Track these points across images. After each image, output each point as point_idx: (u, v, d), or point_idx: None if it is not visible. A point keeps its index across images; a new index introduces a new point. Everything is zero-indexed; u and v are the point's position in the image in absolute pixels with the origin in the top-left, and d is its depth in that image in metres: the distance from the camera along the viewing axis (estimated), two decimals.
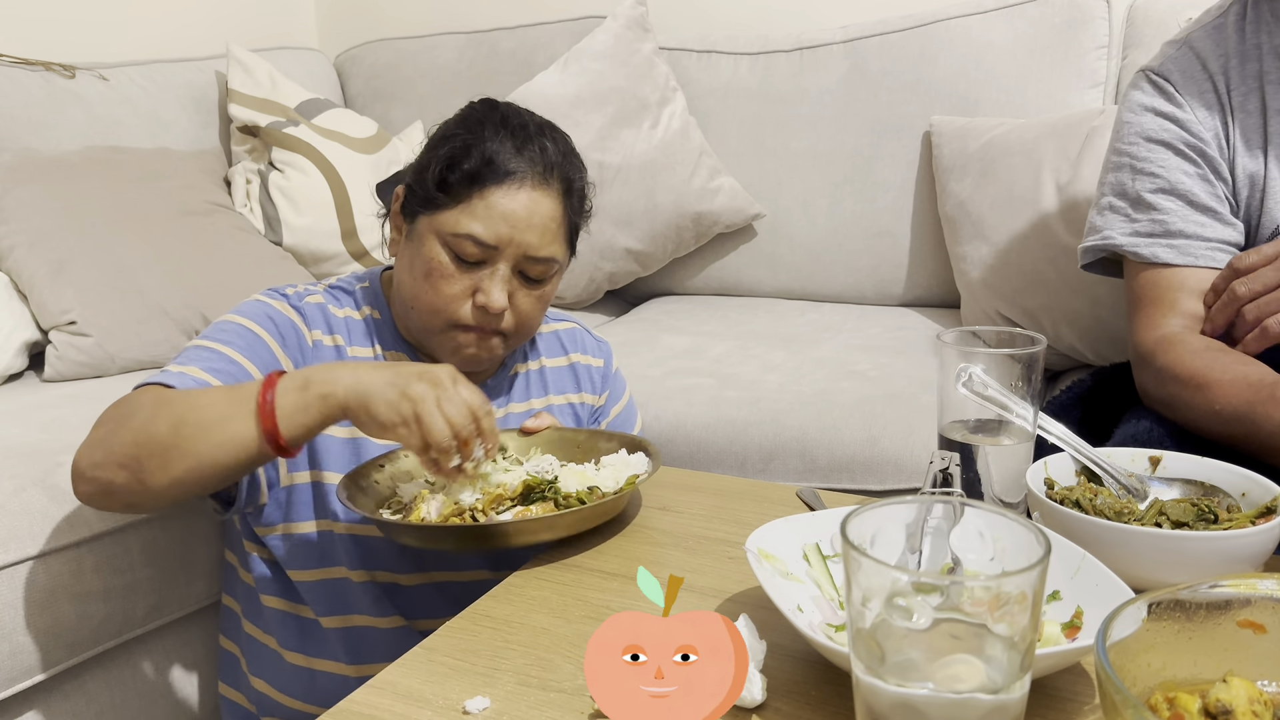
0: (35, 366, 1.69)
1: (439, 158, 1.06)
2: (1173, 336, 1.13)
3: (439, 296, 1.06)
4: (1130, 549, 0.77)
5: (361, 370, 0.91)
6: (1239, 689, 0.57)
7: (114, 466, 0.92)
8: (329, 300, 1.13)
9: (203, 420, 0.90)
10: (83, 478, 0.94)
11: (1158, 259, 1.18)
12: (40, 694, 1.22)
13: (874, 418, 1.43)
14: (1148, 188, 1.20)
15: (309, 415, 0.90)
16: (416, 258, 1.07)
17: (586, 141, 2.02)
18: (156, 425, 0.90)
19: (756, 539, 0.79)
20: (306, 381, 0.90)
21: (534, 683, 0.73)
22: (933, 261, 1.95)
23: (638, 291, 2.26)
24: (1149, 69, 1.23)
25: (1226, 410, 1.01)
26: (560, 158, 1.09)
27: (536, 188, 1.06)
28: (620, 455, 1.06)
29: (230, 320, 1.06)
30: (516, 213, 1.04)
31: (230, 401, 0.91)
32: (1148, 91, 1.22)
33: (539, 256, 1.07)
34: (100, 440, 0.94)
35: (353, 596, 1.09)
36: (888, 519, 0.59)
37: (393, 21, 2.66)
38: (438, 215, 1.05)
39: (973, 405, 0.85)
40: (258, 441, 0.90)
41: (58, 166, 1.74)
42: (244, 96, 2.09)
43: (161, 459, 0.90)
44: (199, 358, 1.00)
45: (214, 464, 0.90)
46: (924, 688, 0.53)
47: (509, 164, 1.05)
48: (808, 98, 2.05)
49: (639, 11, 2.13)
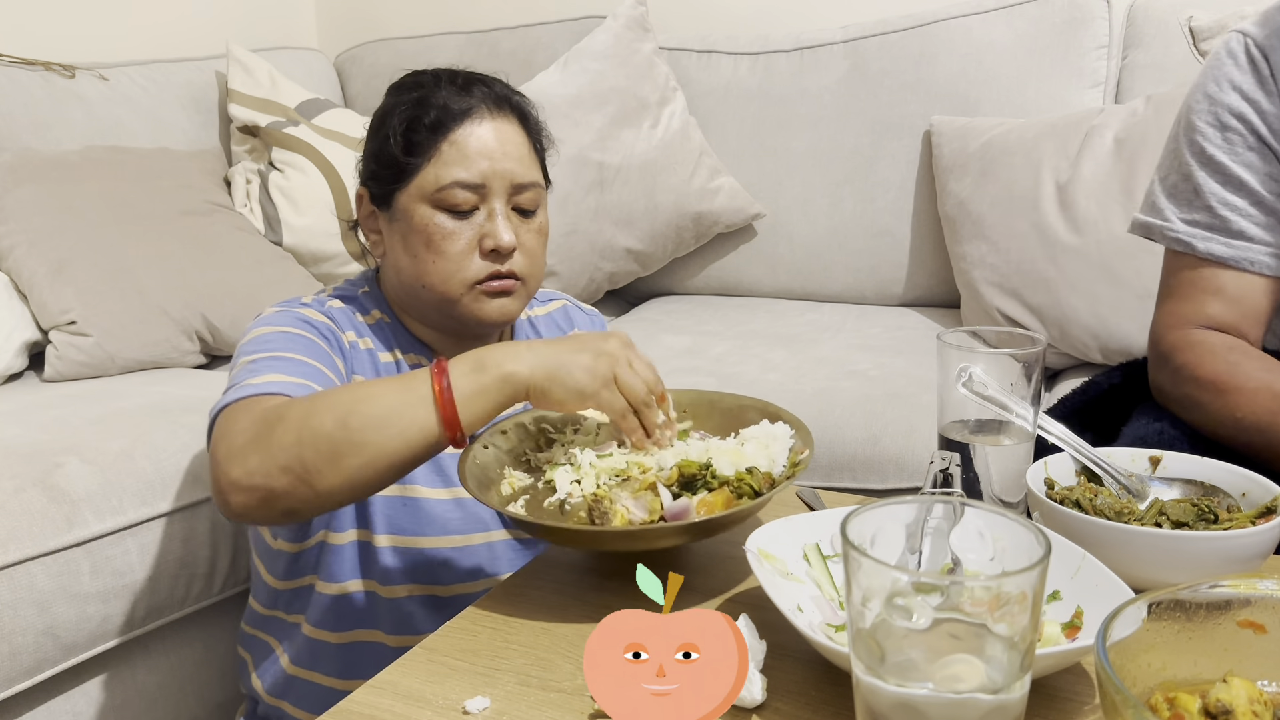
0: (35, 366, 1.69)
1: (393, 128, 1.05)
2: (1195, 335, 1.09)
3: (448, 260, 1.03)
4: (1130, 549, 0.77)
5: (537, 346, 0.89)
6: (1239, 689, 0.57)
7: (275, 472, 0.85)
8: (346, 304, 1.10)
9: (374, 413, 0.85)
10: (238, 488, 0.86)
11: (1212, 255, 1.10)
12: (40, 694, 1.22)
13: (874, 417, 1.43)
14: (1214, 177, 1.10)
15: (488, 399, 0.87)
16: (409, 235, 1.05)
17: (587, 141, 2.02)
18: (320, 420, 0.85)
19: (756, 539, 0.79)
20: (480, 364, 0.87)
21: (534, 683, 0.73)
22: (933, 261, 1.95)
23: (638, 291, 2.26)
24: (1253, 38, 1.10)
25: (1249, 419, 0.99)
26: (505, 90, 1.09)
27: (496, 117, 1.05)
28: (763, 427, 0.97)
29: (270, 331, 1.01)
30: (488, 143, 1.04)
31: (400, 390, 0.86)
32: (1240, 64, 1.09)
33: (524, 182, 1.05)
34: (249, 446, 0.86)
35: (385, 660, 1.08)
36: (888, 519, 0.59)
37: (393, 21, 2.66)
38: (413, 182, 1.04)
39: (973, 405, 0.85)
40: (437, 430, 0.86)
41: (58, 166, 1.74)
42: (244, 96, 2.09)
43: (331, 457, 0.84)
44: (274, 367, 0.95)
45: (390, 458, 0.86)
46: (924, 688, 0.53)
47: (463, 103, 1.04)
48: (808, 98, 2.05)
49: (639, 11, 2.13)
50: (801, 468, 0.90)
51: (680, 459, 0.90)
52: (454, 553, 1.09)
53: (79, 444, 1.29)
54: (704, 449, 0.92)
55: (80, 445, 1.28)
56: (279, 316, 1.04)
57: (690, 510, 0.85)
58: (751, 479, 0.88)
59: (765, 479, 0.89)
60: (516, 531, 1.12)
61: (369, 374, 1.07)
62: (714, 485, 0.88)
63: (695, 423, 1.01)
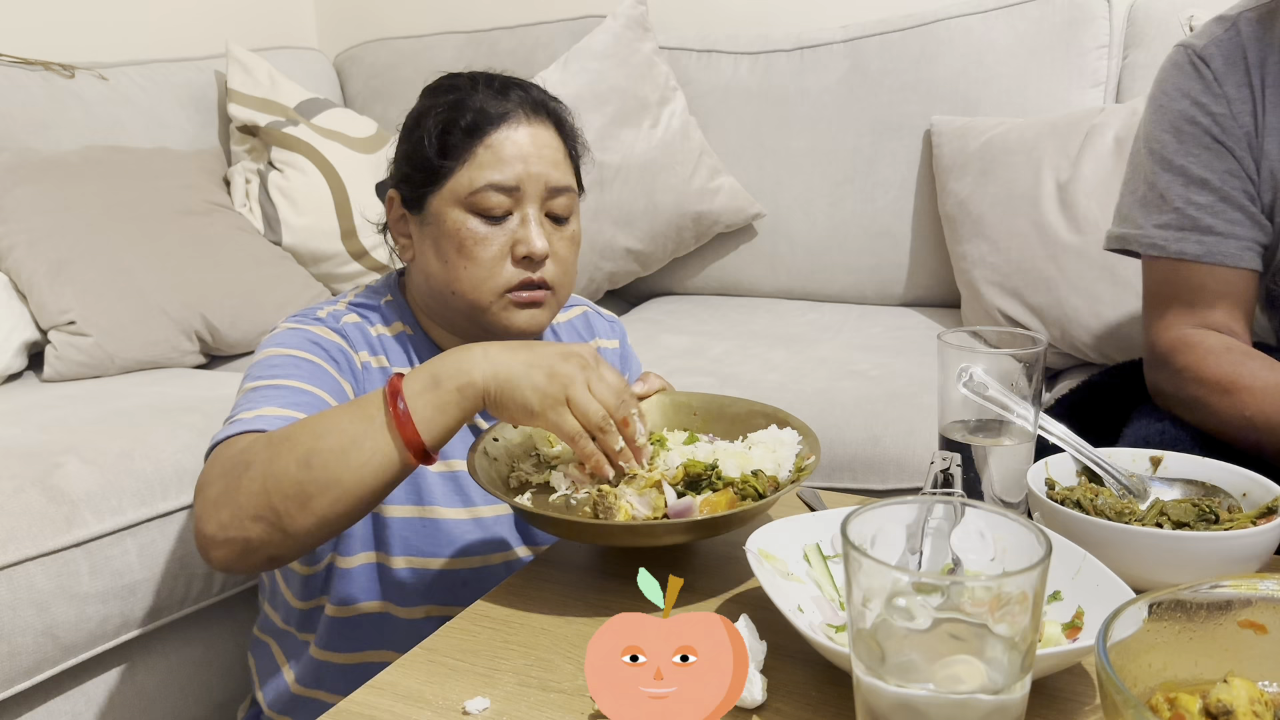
0: (35, 366, 1.69)
1: (428, 130, 1.03)
2: (1191, 336, 1.10)
3: (480, 266, 1.01)
4: (1131, 549, 0.77)
5: (492, 351, 0.86)
6: (1240, 689, 0.57)
7: (247, 521, 0.83)
8: (363, 319, 1.07)
9: (333, 447, 0.82)
10: (214, 543, 0.85)
11: (1184, 255, 1.12)
12: (39, 694, 1.22)
13: (875, 417, 1.43)
14: (1177, 181, 1.13)
15: (448, 414, 0.84)
16: (441, 240, 1.03)
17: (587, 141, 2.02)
18: (283, 465, 0.82)
19: (757, 539, 0.79)
20: (435, 378, 0.85)
21: (534, 683, 0.73)
22: (933, 261, 1.95)
23: (638, 291, 2.26)
24: (1193, 48, 1.15)
25: (1260, 418, 1.00)
26: (541, 95, 1.08)
27: (532, 122, 1.03)
28: (771, 432, 0.96)
29: (278, 354, 0.99)
30: (524, 146, 1.02)
31: (356, 419, 0.84)
32: (1187, 73, 1.14)
33: (559, 186, 1.04)
34: (220, 499, 0.84)
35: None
36: (888, 519, 0.59)
37: (392, 21, 2.65)
38: (447, 184, 1.02)
39: (973, 405, 0.85)
40: (400, 455, 0.83)
41: (57, 166, 1.74)
42: (243, 96, 2.09)
43: (299, 499, 0.82)
44: (271, 397, 0.93)
45: (357, 491, 0.83)
46: (925, 688, 0.53)
47: (500, 107, 1.03)
48: (808, 97, 2.05)
49: (639, 11, 2.13)
50: (807, 473, 0.90)
51: (687, 459, 0.90)
52: (472, 574, 1.07)
53: (78, 444, 1.28)
54: (711, 451, 0.92)
55: (80, 445, 1.28)
56: (289, 336, 1.02)
57: (694, 508, 0.85)
58: (756, 481, 0.88)
59: (770, 482, 0.89)
60: (536, 548, 1.11)
61: None
62: (719, 486, 0.88)
63: (704, 426, 1.01)
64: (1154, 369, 1.14)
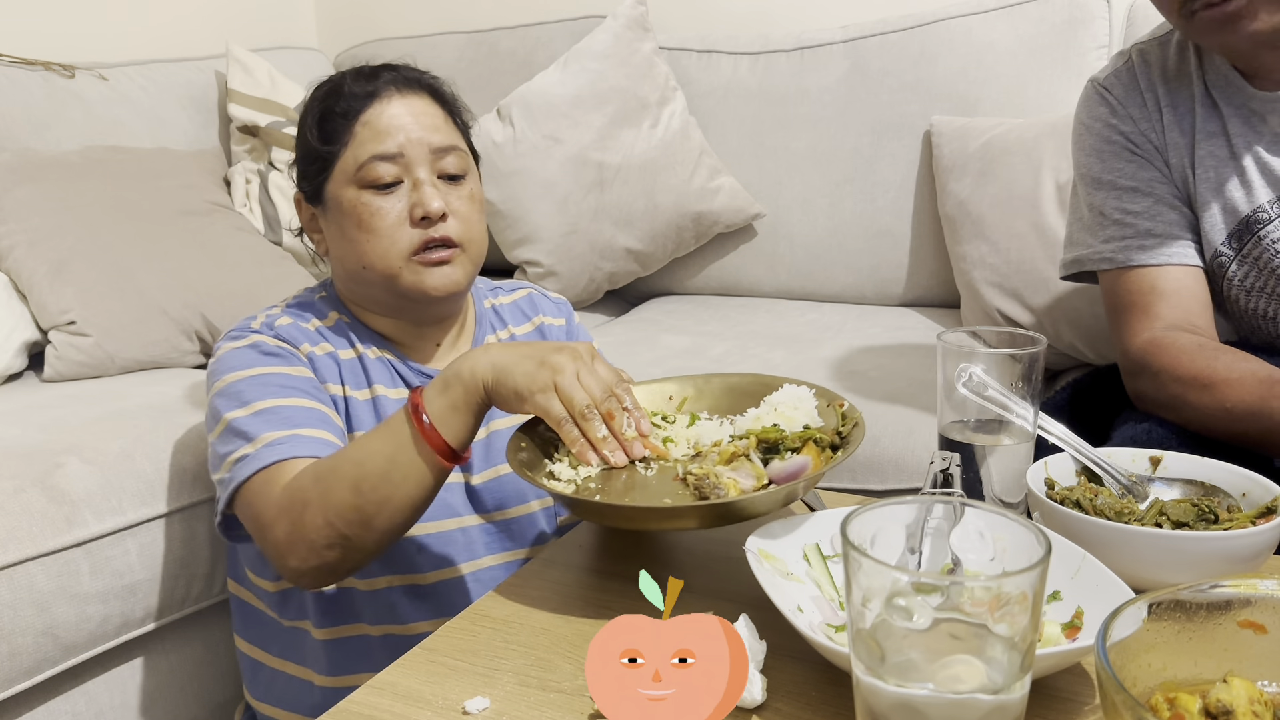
0: (35, 366, 1.69)
1: (309, 124, 1.09)
2: (1161, 338, 1.13)
3: (381, 236, 1.05)
4: (1130, 549, 0.77)
5: (494, 349, 0.91)
6: (1239, 689, 0.57)
7: (322, 550, 0.92)
8: (296, 318, 1.11)
9: (376, 471, 0.90)
10: (301, 574, 0.94)
11: (1132, 262, 1.18)
12: (39, 695, 1.22)
13: (874, 417, 1.42)
14: (1111, 196, 1.21)
15: (461, 414, 0.90)
16: (343, 221, 1.07)
17: (587, 141, 2.02)
18: (338, 496, 0.90)
19: (757, 539, 0.79)
20: (445, 382, 0.91)
21: (534, 683, 0.73)
22: (933, 261, 1.95)
23: (638, 291, 2.26)
24: (1098, 80, 1.26)
25: (1239, 408, 1.02)
26: (413, 72, 1.12)
27: (405, 95, 1.08)
28: (787, 391, 0.96)
29: (238, 379, 1.03)
30: (399, 116, 1.06)
31: (388, 440, 0.91)
32: (1095, 102, 1.25)
33: (443, 146, 1.07)
34: (291, 538, 0.93)
35: (372, 651, 1.09)
36: (888, 519, 0.59)
37: (393, 21, 2.65)
38: (336, 167, 1.07)
39: (973, 405, 0.85)
40: (434, 463, 0.90)
41: (57, 166, 1.73)
42: (244, 96, 2.09)
43: (361, 522, 0.91)
44: (262, 424, 0.98)
45: (408, 502, 0.91)
46: (924, 688, 0.53)
47: (370, 86, 1.07)
48: (808, 97, 2.05)
49: (639, 11, 2.13)
50: (853, 418, 0.91)
51: (715, 439, 0.92)
52: (428, 539, 1.10)
53: (79, 444, 1.28)
54: (727, 426, 0.94)
55: (80, 445, 1.28)
56: (237, 357, 1.05)
57: (808, 466, 0.85)
58: (820, 432, 0.91)
59: (830, 432, 0.92)
60: (489, 515, 1.14)
61: (333, 376, 1.09)
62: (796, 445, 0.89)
63: (691, 404, 1.02)
64: (1133, 377, 1.17)
